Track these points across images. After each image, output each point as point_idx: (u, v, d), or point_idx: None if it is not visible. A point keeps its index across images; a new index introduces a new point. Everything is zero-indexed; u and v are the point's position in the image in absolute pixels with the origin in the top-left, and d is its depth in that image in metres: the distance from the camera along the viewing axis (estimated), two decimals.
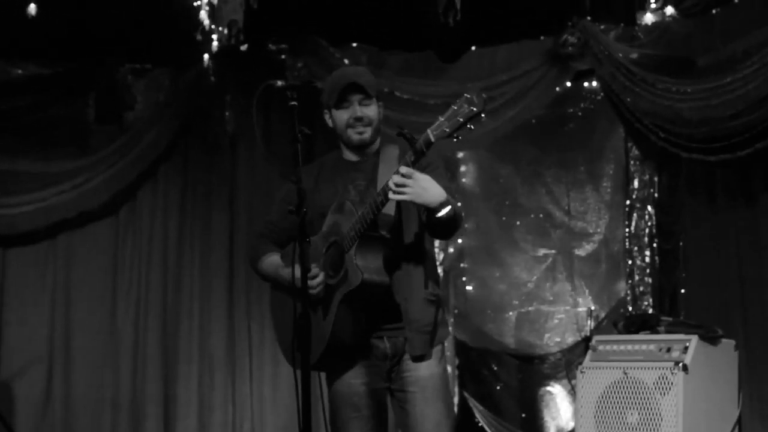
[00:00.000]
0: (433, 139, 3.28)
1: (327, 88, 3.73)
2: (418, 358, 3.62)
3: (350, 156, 3.77)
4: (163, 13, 6.32)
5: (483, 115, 3.24)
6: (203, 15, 6.35)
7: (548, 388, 6.78)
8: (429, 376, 3.63)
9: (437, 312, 3.68)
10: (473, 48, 6.60)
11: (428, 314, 3.63)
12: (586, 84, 6.69)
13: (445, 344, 3.79)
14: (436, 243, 5.06)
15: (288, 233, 3.72)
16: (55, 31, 6.28)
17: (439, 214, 3.41)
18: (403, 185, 3.33)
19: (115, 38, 6.44)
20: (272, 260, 3.77)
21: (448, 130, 3.25)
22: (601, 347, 5.11)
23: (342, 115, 3.69)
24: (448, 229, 3.54)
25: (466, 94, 3.25)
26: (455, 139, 3.29)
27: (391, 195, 3.36)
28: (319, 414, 3.37)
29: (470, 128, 3.26)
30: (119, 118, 6.80)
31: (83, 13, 6.25)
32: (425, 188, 3.36)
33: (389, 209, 3.50)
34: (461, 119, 3.23)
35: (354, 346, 3.60)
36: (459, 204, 3.56)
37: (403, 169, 3.33)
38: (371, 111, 3.70)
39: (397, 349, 3.63)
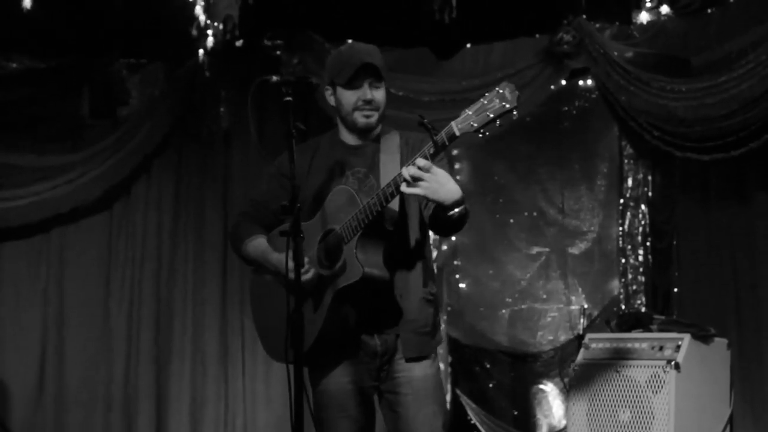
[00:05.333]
0: (458, 133, 3.12)
1: (334, 64, 3.56)
2: (413, 360, 3.49)
3: (349, 139, 3.62)
4: (158, 8, 6.31)
5: (515, 112, 3.07)
6: (198, 10, 6.35)
7: (541, 386, 6.78)
8: (422, 378, 3.50)
9: (435, 312, 3.58)
10: (468, 45, 6.60)
11: (426, 314, 3.53)
12: (581, 82, 6.70)
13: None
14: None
15: (276, 215, 3.54)
16: (51, 25, 6.26)
17: (452, 213, 3.25)
18: (420, 179, 3.16)
19: (111, 33, 6.43)
20: (258, 243, 3.61)
21: (475, 125, 3.09)
22: (593, 345, 5.12)
23: (350, 96, 3.52)
24: (454, 227, 3.38)
25: (497, 88, 3.08)
26: (480, 135, 3.13)
27: (404, 188, 3.19)
28: (306, 409, 3.28)
29: (499, 125, 3.09)
30: (113, 113, 6.78)
31: (78, 8, 6.24)
32: (442, 184, 3.18)
33: (394, 203, 3.35)
34: (491, 114, 3.07)
35: (344, 343, 3.47)
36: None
37: (421, 162, 3.15)
38: (380, 95, 3.55)
39: (388, 347, 3.49)
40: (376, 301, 3.44)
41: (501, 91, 3.08)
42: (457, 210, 3.25)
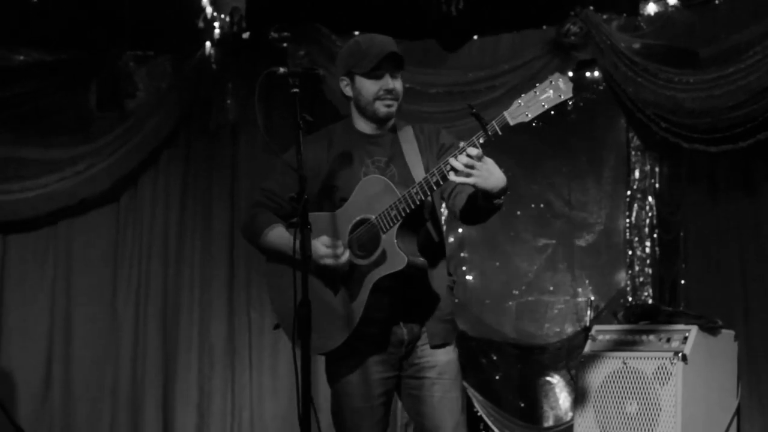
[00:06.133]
0: (512, 123, 3.17)
1: (353, 54, 3.56)
2: (438, 346, 3.53)
3: (365, 128, 3.63)
4: (165, 1, 6.31)
5: (571, 102, 3.15)
6: (205, 2, 6.37)
7: (547, 378, 6.78)
8: (447, 362, 3.55)
9: (453, 301, 3.63)
10: (475, 37, 6.58)
11: (449, 302, 3.58)
12: (588, 74, 6.66)
13: None
14: None
15: (291, 204, 3.55)
16: (58, 17, 6.27)
17: (497, 201, 3.27)
18: (472, 167, 3.18)
19: (118, 25, 6.43)
20: (281, 232, 3.57)
21: (530, 114, 3.14)
22: (600, 337, 5.12)
23: (372, 86, 3.54)
24: (490, 215, 3.38)
25: (550, 79, 3.12)
26: (534, 124, 3.17)
27: (452, 176, 3.20)
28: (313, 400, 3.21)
29: (552, 113, 3.13)
30: (121, 106, 6.79)
31: (85, 0, 6.25)
32: (491, 172, 3.22)
33: None
34: (546, 105, 3.12)
35: (377, 332, 3.46)
36: None
37: (473, 151, 3.18)
38: (400, 84, 3.58)
39: (413, 336, 3.51)
40: (411, 291, 3.45)
41: (554, 82, 3.11)
42: (502, 198, 3.27)
